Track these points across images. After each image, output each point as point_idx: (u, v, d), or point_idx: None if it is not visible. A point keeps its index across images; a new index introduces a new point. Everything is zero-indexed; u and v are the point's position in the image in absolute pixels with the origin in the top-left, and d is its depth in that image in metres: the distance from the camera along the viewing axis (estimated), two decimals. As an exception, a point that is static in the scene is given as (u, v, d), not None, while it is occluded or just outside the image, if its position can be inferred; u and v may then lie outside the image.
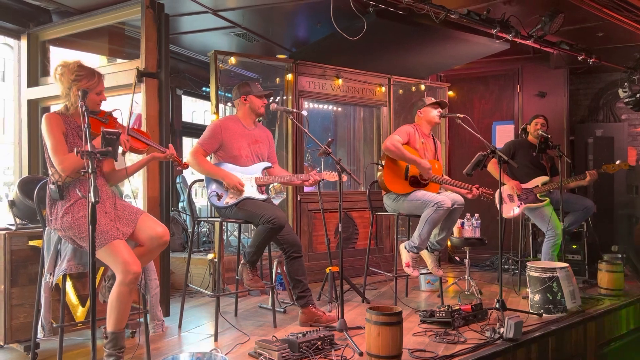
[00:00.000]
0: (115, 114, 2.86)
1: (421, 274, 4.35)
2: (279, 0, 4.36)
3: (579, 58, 5.09)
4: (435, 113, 4.21)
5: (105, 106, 2.86)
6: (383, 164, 4.10)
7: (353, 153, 6.66)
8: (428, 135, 4.28)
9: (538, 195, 4.66)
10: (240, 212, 3.45)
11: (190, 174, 6.59)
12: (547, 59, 6.16)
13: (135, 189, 4.46)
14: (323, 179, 3.64)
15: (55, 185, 2.64)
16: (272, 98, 5.92)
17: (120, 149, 2.68)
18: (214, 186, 3.51)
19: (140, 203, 3.84)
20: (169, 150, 2.94)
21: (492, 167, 4.67)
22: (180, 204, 6.43)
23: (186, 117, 7.36)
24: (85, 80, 2.70)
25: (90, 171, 2.14)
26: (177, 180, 6.51)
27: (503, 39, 4.39)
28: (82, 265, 2.70)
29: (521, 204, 4.66)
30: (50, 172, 2.70)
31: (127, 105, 3.64)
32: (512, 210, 4.66)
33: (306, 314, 3.56)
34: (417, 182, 4.08)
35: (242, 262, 3.54)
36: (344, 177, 3.43)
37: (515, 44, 4.71)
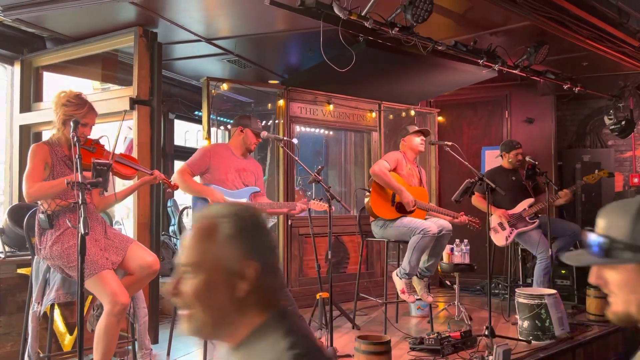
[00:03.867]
0: (102, 141, 2.87)
1: (417, 299, 4.36)
2: (271, 29, 4.44)
3: (565, 87, 5.20)
4: (418, 141, 4.28)
5: (93, 133, 2.88)
6: (370, 190, 4.15)
7: (344, 177, 6.70)
8: (413, 163, 4.35)
9: (527, 218, 4.71)
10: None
11: (181, 196, 6.57)
12: (535, 85, 6.28)
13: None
14: (310, 208, 3.67)
15: (44, 215, 2.64)
16: (263, 122, 6.00)
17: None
18: (199, 208, 3.52)
19: (130, 228, 3.85)
20: (155, 172, 2.96)
21: (476, 201, 4.73)
22: (171, 228, 6.41)
23: (179, 137, 7.39)
24: (74, 108, 2.72)
25: (80, 202, 2.16)
26: (168, 204, 6.50)
27: (490, 68, 4.49)
28: (70, 294, 2.70)
29: (513, 230, 4.70)
30: (39, 202, 2.70)
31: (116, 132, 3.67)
32: (505, 238, 4.70)
33: None
34: (404, 208, 4.12)
35: None
36: (333, 208, 3.46)
37: (504, 71, 4.81)
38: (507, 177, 4.89)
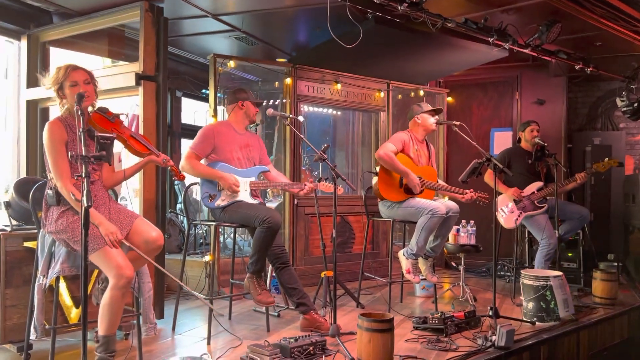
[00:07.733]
0: (122, 117, 2.87)
1: (422, 279, 4.36)
2: (278, 5, 4.38)
3: (577, 67, 5.11)
4: (432, 120, 4.23)
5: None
6: (377, 172, 4.12)
7: (352, 157, 6.67)
8: (422, 141, 4.30)
9: (536, 201, 4.67)
10: (235, 214, 3.46)
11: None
12: (546, 66, 6.17)
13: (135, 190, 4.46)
14: (318, 189, 3.64)
15: (52, 191, 2.64)
16: (271, 101, 5.96)
17: (118, 149, 2.69)
18: (206, 187, 3.51)
19: (136, 205, 3.86)
20: (162, 155, 2.95)
21: (488, 178, 4.69)
22: (179, 205, 6.44)
23: (188, 117, 7.37)
24: (55, 77, 2.70)
25: (83, 175, 2.15)
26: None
27: (500, 47, 4.40)
28: (75, 268, 2.72)
29: (521, 213, 4.67)
30: (49, 177, 2.70)
31: (126, 107, 3.66)
32: (512, 220, 4.67)
33: (308, 320, 3.54)
34: (412, 189, 4.09)
35: (247, 275, 3.48)
36: (340, 189, 3.44)
37: (515, 51, 4.73)
38: (522, 158, 4.85)
